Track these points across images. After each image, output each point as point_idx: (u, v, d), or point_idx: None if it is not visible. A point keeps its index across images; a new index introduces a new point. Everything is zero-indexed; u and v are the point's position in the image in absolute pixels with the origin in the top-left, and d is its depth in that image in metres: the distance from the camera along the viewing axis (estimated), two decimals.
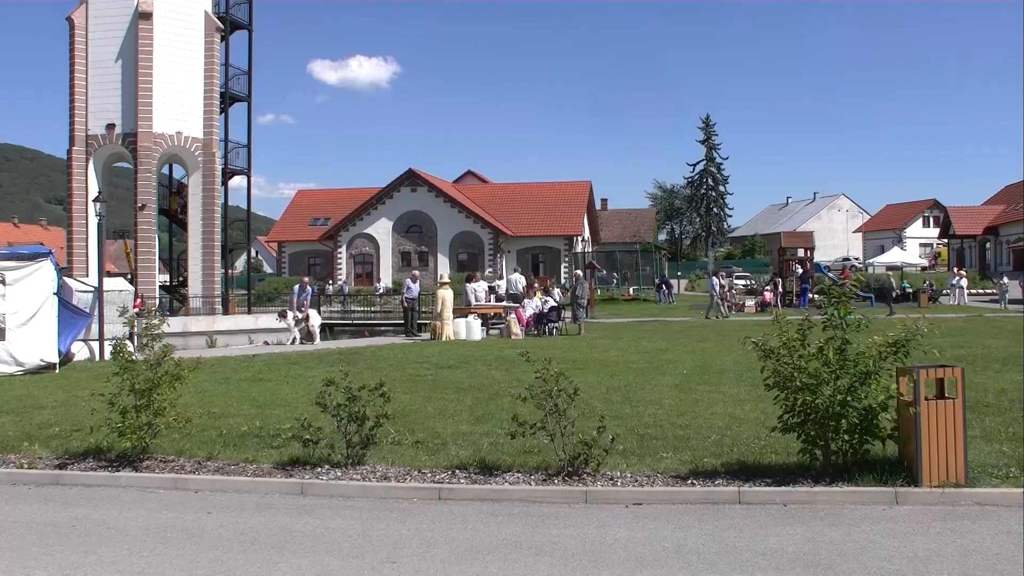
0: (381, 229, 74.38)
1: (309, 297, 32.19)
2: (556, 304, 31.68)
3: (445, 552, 7.82)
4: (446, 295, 29.39)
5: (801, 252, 49.41)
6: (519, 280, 34.74)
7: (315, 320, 30.97)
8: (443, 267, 68.38)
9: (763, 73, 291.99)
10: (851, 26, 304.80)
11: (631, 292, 58.71)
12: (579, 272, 36.84)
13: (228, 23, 43.66)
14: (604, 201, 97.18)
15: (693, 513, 8.86)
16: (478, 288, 33.19)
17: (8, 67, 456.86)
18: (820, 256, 69.90)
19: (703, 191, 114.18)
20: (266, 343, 31.48)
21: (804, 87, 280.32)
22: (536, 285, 35.32)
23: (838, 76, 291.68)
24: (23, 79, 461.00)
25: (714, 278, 41.16)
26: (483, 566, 7.43)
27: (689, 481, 9.68)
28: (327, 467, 10.49)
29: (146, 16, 38.35)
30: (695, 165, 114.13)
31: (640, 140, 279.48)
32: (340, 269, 74.44)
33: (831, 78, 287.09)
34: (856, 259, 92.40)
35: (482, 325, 29.97)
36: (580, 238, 76.28)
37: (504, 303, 34.69)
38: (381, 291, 59.08)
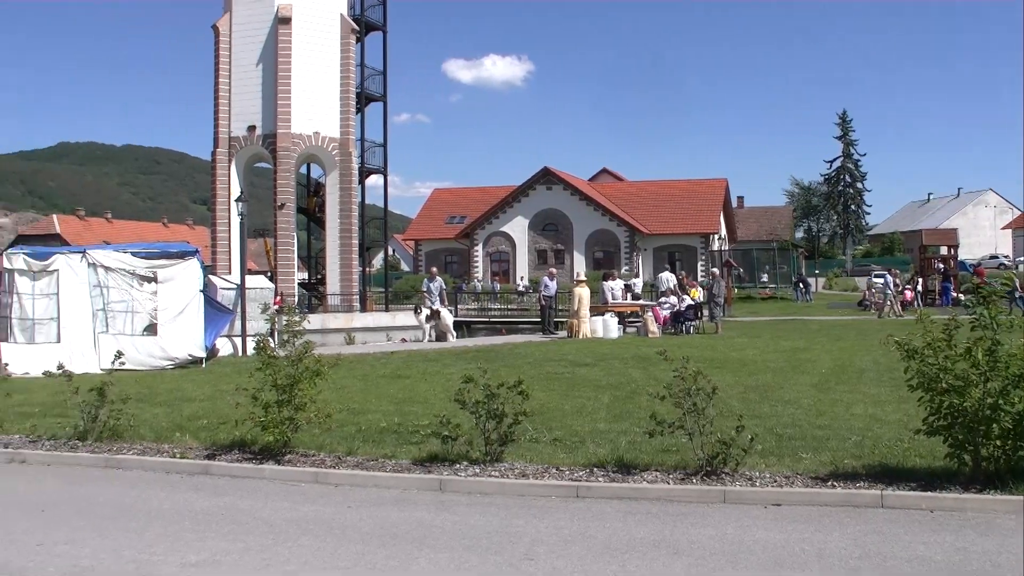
0: (517, 227, 74.55)
1: (439, 289, 32.41)
2: (694, 302, 31.39)
3: (583, 550, 7.80)
4: (583, 293, 29.43)
5: (944, 250, 47.91)
6: (669, 279, 34.56)
7: (447, 318, 31.20)
8: (579, 265, 68.26)
9: (904, 66, 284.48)
10: (994, 12, 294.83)
11: (768, 290, 57.86)
12: (716, 270, 36.40)
13: (363, 25, 44.35)
14: (740, 199, 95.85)
15: (834, 516, 8.65)
16: (615, 286, 33.09)
17: (157, 76, 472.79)
18: (964, 254, 67.56)
19: (840, 188, 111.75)
20: (404, 340, 31.85)
21: (946, 78, 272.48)
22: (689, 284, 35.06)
23: (983, 66, 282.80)
24: (171, 87, 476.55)
25: (887, 275, 40.12)
26: (620, 564, 7.39)
27: (829, 483, 9.46)
28: (465, 464, 10.56)
29: (285, 21, 39.22)
30: (832, 162, 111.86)
31: (777, 136, 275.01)
32: (476, 267, 74.82)
33: (976, 68, 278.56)
34: (1005, 257, 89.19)
35: (619, 323, 29.91)
36: (716, 236, 75.34)
37: (642, 301, 34.59)
38: (523, 289, 59.20)
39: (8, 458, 12.20)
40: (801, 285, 54.61)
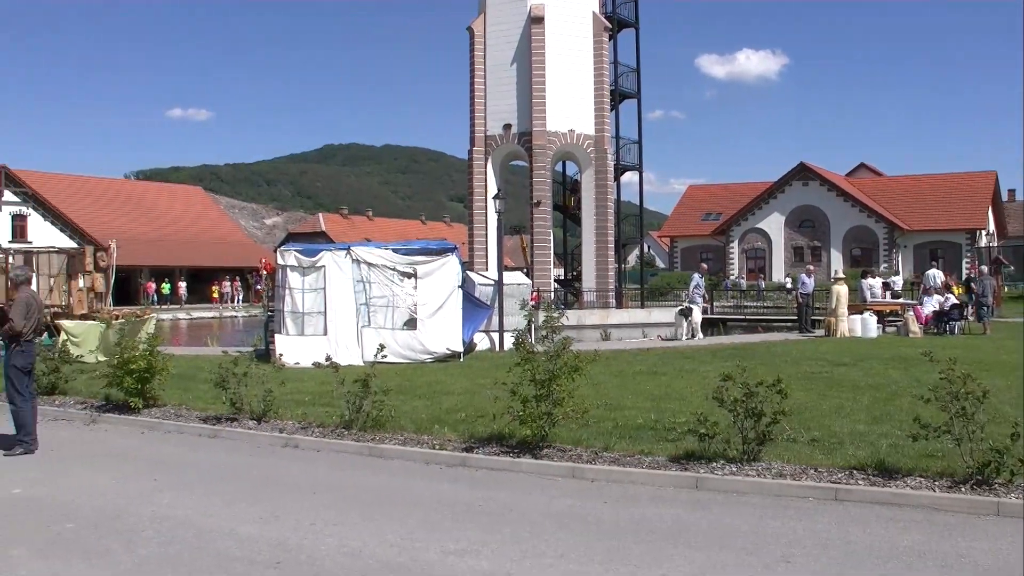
0: (773, 224, 73.58)
1: (701, 289, 32.13)
2: (958, 301, 30.03)
3: (841, 555, 7.55)
4: (841, 291, 28.71)
5: None
6: (937, 276, 33.29)
7: (696, 316, 30.89)
8: (836, 262, 66.72)
9: None
10: None
11: None
12: (984, 268, 34.80)
13: (615, 22, 44.51)
14: (1011, 192, 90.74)
15: None
16: (874, 284, 32.25)
17: (414, 78, 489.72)
18: None
19: None
20: (660, 337, 31.70)
21: None
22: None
23: None
24: (428, 89, 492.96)
25: None
26: (882, 574, 7.10)
27: None
28: (722, 462, 10.36)
29: (538, 20, 39.79)
30: None
31: None
32: (732, 264, 74.23)
33: None
34: None
35: (877, 322, 28.96)
36: (984, 232, 71.73)
37: (902, 300, 33.47)
38: (790, 287, 58.19)
39: (283, 442, 12.90)
40: None
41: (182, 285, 70.70)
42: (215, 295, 70.81)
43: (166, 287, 69.51)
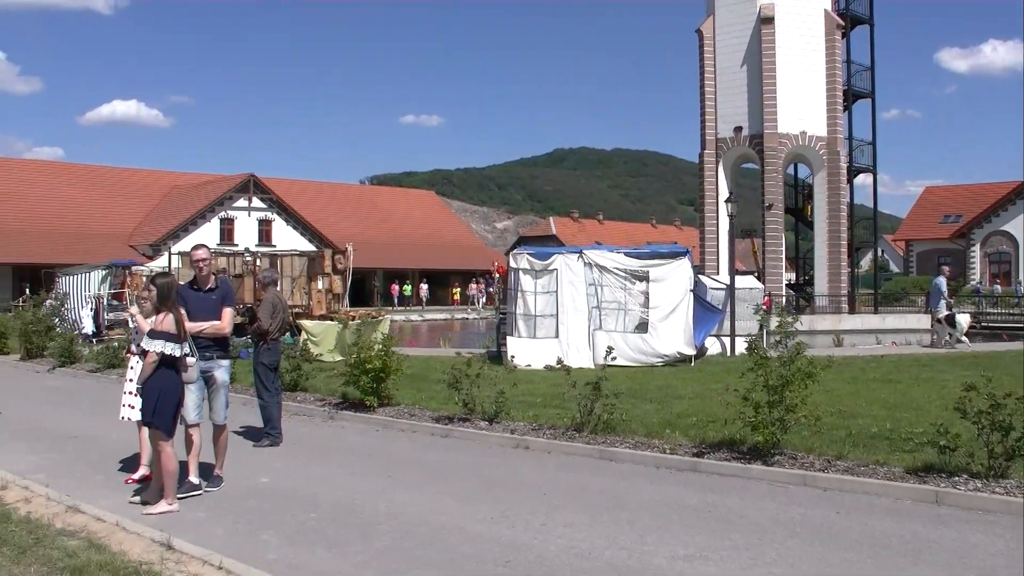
0: (1020, 226, 69.83)
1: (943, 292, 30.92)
2: None
3: None
4: None
5: None
6: None
7: (961, 322, 29.34)
8: None
9: None
10: None
11: None
12: None
13: (848, 19, 43.45)
14: None
15: None
16: None
17: (644, 81, 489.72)
18: None
19: None
20: (893, 343, 30.67)
21: None
22: None
23: None
24: (657, 92, 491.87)
25: None
26: None
27: None
28: (964, 477, 9.88)
29: (768, 21, 39.26)
30: None
31: None
32: (972, 268, 70.99)
33: None
34: None
35: None
36: None
37: None
38: None
39: (514, 443, 13.14)
40: None
41: (423, 287, 72.96)
42: (455, 296, 72.86)
43: (407, 289, 71.96)
